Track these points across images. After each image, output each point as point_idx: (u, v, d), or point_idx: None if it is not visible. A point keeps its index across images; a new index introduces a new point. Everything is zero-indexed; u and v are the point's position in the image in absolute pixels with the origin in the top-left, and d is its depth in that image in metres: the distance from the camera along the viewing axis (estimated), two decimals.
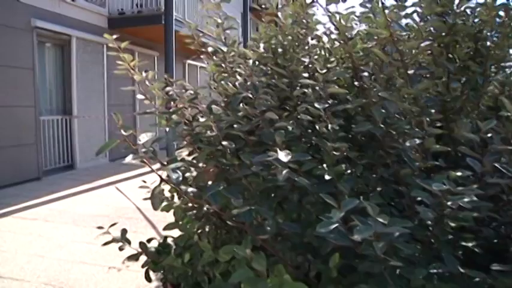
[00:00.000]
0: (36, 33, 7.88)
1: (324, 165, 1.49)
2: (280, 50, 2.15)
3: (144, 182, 2.24)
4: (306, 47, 2.13)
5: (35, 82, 7.80)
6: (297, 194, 1.45)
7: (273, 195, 1.59)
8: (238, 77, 1.69)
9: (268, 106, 1.52)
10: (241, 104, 1.68)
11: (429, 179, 1.50)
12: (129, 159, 1.15)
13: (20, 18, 7.54)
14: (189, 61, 13.94)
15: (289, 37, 2.19)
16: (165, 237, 2.41)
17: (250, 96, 1.47)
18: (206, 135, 1.53)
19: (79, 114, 9.03)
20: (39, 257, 4.10)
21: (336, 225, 1.08)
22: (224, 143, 1.36)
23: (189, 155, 1.99)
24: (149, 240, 2.48)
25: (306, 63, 2.00)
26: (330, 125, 1.45)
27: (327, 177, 1.39)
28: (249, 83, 1.52)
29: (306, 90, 1.68)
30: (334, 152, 1.49)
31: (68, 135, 8.89)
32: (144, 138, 1.17)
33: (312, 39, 2.07)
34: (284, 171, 1.28)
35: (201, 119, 1.50)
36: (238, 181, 1.59)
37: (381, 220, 1.06)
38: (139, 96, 1.97)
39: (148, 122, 11.00)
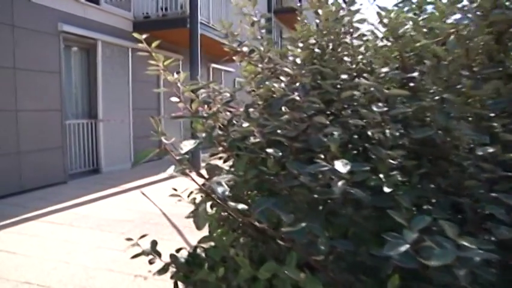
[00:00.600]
0: (62, 37, 7.90)
1: (380, 175, 1.33)
2: (318, 50, 2.00)
3: (175, 190, 2.11)
4: (349, 47, 1.98)
5: (61, 86, 7.82)
6: (351, 208, 1.29)
7: (320, 207, 1.44)
8: (282, 78, 1.55)
9: (316, 109, 1.37)
10: (282, 108, 1.54)
11: (497, 191, 1.33)
12: (170, 171, 1.01)
13: (47, 22, 7.58)
14: (213, 65, 13.85)
15: (331, 36, 2.04)
16: (195, 247, 2.28)
17: (297, 98, 1.33)
18: (249, 141, 1.39)
19: (104, 117, 9.02)
20: (65, 263, 4.03)
21: (407, 247, 0.92)
22: (269, 150, 1.21)
23: (224, 162, 1.85)
24: (178, 250, 2.35)
25: (350, 64, 1.85)
26: (387, 131, 1.29)
27: (386, 189, 1.23)
28: (297, 84, 1.38)
29: (355, 93, 1.53)
30: (391, 161, 1.34)
31: (93, 139, 8.90)
32: (186, 147, 1.03)
33: (355, 38, 1.92)
34: (340, 183, 1.13)
35: (244, 124, 1.36)
36: (282, 192, 1.45)
37: (464, 243, 0.90)
38: (174, 99, 1.84)
39: (171, 126, 10.97)
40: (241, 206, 0.93)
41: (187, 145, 1.06)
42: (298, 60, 1.50)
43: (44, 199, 6.63)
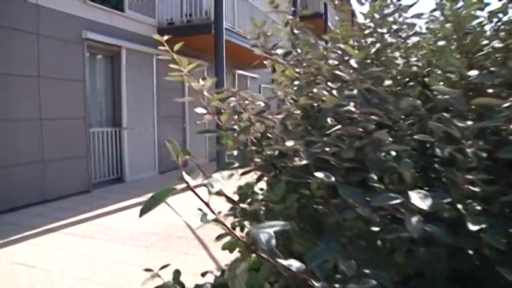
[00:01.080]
0: (86, 44, 7.83)
1: (459, 205, 1.06)
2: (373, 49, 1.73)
3: (200, 210, 1.87)
4: (400, 46, 1.71)
5: (85, 94, 7.72)
6: (424, 247, 1.02)
7: (379, 242, 1.17)
8: (330, 84, 1.28)
9: (375, 123, 1.11)
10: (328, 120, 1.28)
11: None
12: (196, 225, 0.76)
13: (72, 30, 7.50)
14: (238, 71, 13.66)
15: (376, 35, 1.77)
16: (223, 271, 2.03)
17: (352, 109, 1.06)
18: (292, 162, 1.13)
19: (128, 126, 8.90)
20: (85, 279, 3.83)
21: None
22: (319, 175, 0.95)
23: (256, 181, 1.60)
24: (204, 274, 2.11)
25: (402, 66, 1.57)
26: (469, 149, 1.02)
27: (471, 227, 0.95)
28: (355, 91, 1.12)
29: (417, 101, 1.25)
30: (471, 187, 1.06)
31: (117, 148, 8.77)
32: (218, 183, 0.78)
33: (410, 35, 1.64)
34: (415, 220, 0.86)
35: (288, 143, 1.11)
36: (328, 224, 1.19)
37: None
38: (199, 110, 1.58)
39: (196, 135, 10.83)
40: (296, 265, 0.67)
41: (221, 179, 0.80)
42: (353, 63, 1.23)
43: (66, 209, 6.50)
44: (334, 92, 1.11)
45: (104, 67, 8.63)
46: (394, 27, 1.70)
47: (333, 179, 1.00)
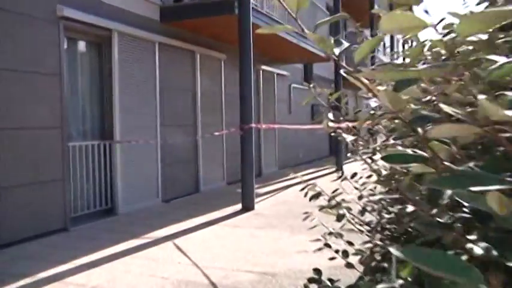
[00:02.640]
0: (63, 25, 6.77)
1: None
2: None
3: None
4: None
5: (62, 94, 6.64)
6: None
7: None
8: None
9: None
10: None
11: None
12: None
13: (42, 4, 6.45)
14: (264, 67, 12.90)
15: None
16: None
17: None
18: None
19: (122, 138, 7.90)
20: None
21: None
22: None
23: None
24: None
25: None
26: None
27: None
28: None
29: None
30: None
31: (107, 168, 7.76)
32: None
33: None
34: None
35: None
36: None
37: None
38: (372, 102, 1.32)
39: (212, 147, 10.16)
40: None
41: None
42: None
43: (32, 258, 5.29)
44: None
45: (88, 58, 7.68)
46: None
47: None
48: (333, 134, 1.97)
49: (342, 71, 1.17)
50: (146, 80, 8.56)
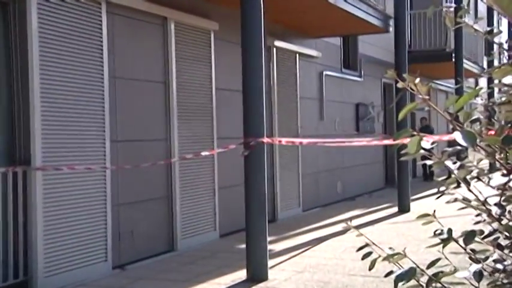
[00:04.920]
0: None
1: None
2: None
3: None
4: None
5: None
6: None
7: None
8: None
9: None
10: None
11: None
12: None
13: None
14: (278, 42, 11.93)
15: None
16: None
17: None
18: None
19: (46, 161, 7.03)
20: None
21: None
22: None
23: None
24: None
25: None
26: None
27: None
28: None
29: None
30: None
31: (17, 213, 6.85)
32: None
33: None
34: None
35: None
36: None
37: None
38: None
39: (195, 176, 9.36)
40: None
41: None
42: None
43: None
44: None
45: None
46: None
47: None
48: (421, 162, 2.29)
49: None
50: (87, 64, 7.63)
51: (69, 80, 7.45)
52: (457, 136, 1.73)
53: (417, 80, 1.94)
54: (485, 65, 21.70)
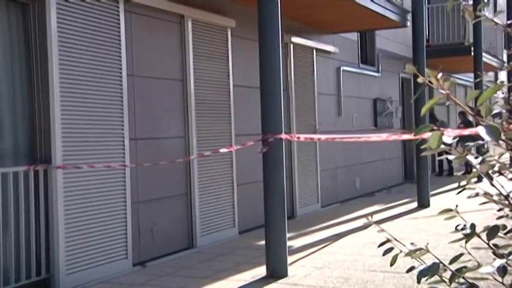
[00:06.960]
0: None
1: None
2: None
3: None
4: None
5: None
6: None
7: None
8: None
9: None
10: None
11: None
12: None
13: None
14: (294, 38, 11.84)
15: None
16: None
17: None
18: None
19: (66, 160, 7.03)
20: None
21: None
22: None
23: None
24: None
25: None
26: None
27: None
28: None
29: None
30: None
31: (39, 213, 6.86)
32: None
33: None
34: None
35: None
36: None
37: None
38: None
39: (213, 173, 9.41)
40: None
41: None
42: None
43: None
44: None
45: (7, 25, 6.96)
46: None
47: None
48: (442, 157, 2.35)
49: None
50: (105, 62, 7.65)
51: (88, 78, 7.51)
52: (481, 131, 1.71)
53: (439, 75, 1.93)
54: (504, 58, 21.43)
